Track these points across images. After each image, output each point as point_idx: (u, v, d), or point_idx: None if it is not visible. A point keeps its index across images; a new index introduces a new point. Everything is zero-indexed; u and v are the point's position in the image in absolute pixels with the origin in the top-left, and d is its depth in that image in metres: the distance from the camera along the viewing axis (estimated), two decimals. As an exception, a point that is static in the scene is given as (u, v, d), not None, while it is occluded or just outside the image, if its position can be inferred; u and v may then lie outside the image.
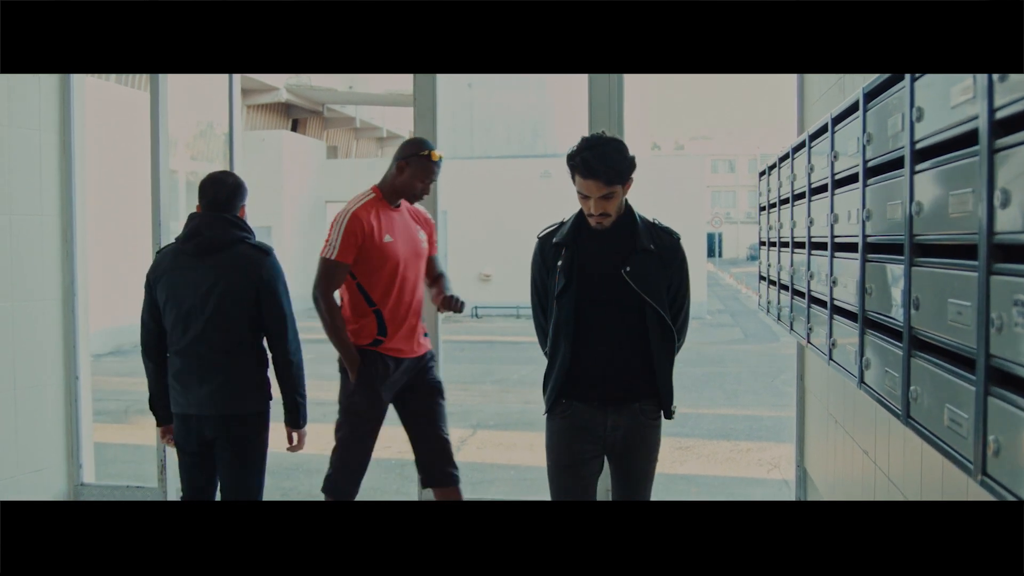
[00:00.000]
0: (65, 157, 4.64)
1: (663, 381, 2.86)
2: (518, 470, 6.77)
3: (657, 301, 2.82)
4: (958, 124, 1.43)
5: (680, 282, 2.92)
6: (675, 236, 2.94)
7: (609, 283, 2.82)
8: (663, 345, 2.86)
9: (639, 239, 2.84)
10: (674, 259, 2.90)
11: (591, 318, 2.85)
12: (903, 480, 2.65)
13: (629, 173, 2.78)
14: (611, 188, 2.72)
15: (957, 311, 1.41)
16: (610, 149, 2.72)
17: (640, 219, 2.90)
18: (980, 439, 1.30)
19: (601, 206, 2.76)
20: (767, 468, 6.64)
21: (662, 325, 2.85)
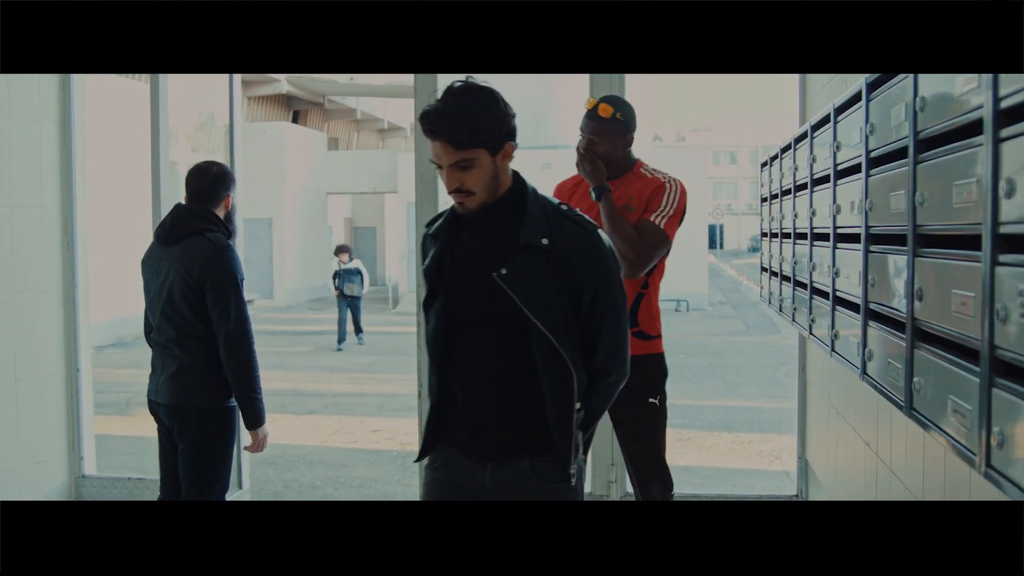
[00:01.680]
0: (65, 148, 4.62)
1: (559, 432, 2.09)
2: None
3: (545, 319, 2.06)
4: (962, 114, 1.42)
5: (595, 293, 2.12)
6: (588, 228, 2.14)
7: (483, 292, 2.09)
8: (557, 384, 2.09)
9: (524, 231, 2.08)
10: (582, 261, 2.10)
11: (465, 340, 2.15)
12: (905, 472, 2.64)
13: (496, 134, 2.03)
14: (465, 153, 2.00)
15: (961, 302, 1.41)
16: (467, 100, 1.97)
17: (536, 203, 2.14)
18: (984, 431, 1.30)
19: (456, 179, 2.03)
20: (769, 460, 6.64)
21: (553, 355, 2.07)
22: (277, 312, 20.29)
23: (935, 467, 2.32)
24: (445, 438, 2.20)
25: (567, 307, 2.10)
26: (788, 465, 6.13)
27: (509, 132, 2.06)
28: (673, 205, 3.01)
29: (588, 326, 2.14)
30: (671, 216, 2.99)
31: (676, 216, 3.00)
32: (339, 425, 7.98)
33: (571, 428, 2.10)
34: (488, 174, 2.06)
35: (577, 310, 2.12)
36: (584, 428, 2.17)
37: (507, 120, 2.04)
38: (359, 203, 28.36)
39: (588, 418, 2.18)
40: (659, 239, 2.97)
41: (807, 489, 4.52)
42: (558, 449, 2.08)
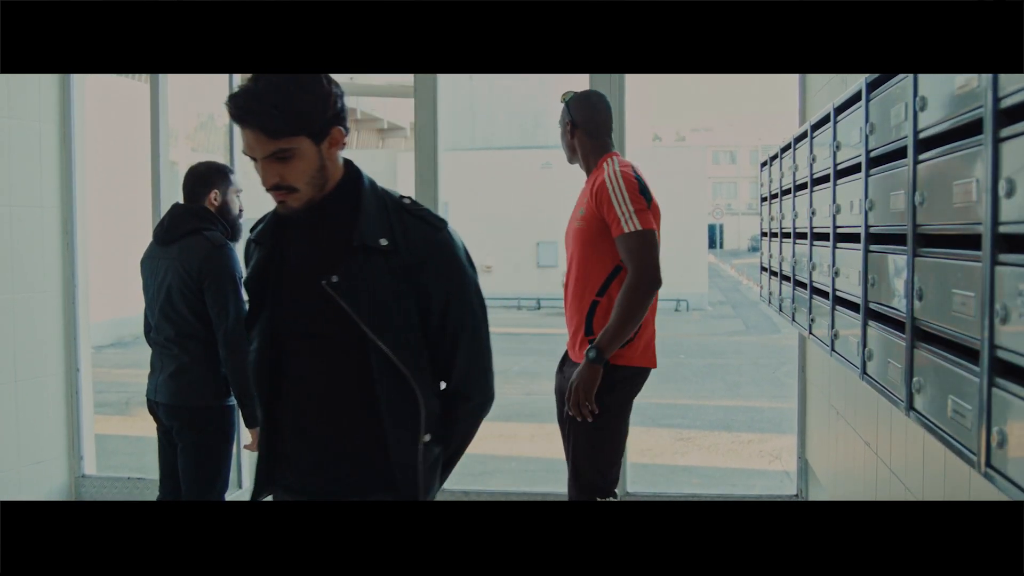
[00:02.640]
0: (65, 148, 4.62)
1: (402, 469, 1.79)
2: (520, 461, 6.77)
3: (384, 334, 1.75)
4: (962, 113, 1.42)
5: (446, 301, 1.82)
6: (436, 225, 1.85)
7: (313, 304, 1.78)
8: (400, 411, 1.78)
9: (358, 230, 1.78)
10: (429, 264, 1.80)
11: (294, 362, 1.83)
12: (905, 472, 2.64)
13: (319, 118, 1.73)
14: (282, 143, 1.70)
15: (961, 301, 1.41)
16: (282, 78, 1.68)
17: (374, 197, 1.84)
18: (984, 430, 1.30)
19: (273, 173, 1.73)
20: (768, 459, 6.64)
21: (395, 377, 1.77)
22: (277, 312, 20.27)
23: (935, 467, 2.32)
24: (276, 479, 1.86)
25: (413, 319, 1.80)
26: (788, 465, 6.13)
27: (336, 115, 1.76)
28: (623, 195, 2.84)
29: (440, 341, 1.84)
30: (634, 208, 2.82)
31: (636, 201, 2.83)
32: (339, 425, 7.96)
33: (416, 464, 1.80)
34: (312, 166, 1.75)
35: (426, 323, 1.82)
36: (446, 464, 1.93)
37: (332, 101, 1.74)
38: (359, 203, 28.28)
39: (448, 451, 1.92)
40: (640, 244, 2.80)
41: (807, 489, 4.52)
42: (399, 489, 1.79)
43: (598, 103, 3.13)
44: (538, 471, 6.44)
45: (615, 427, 3.01)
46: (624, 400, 3.00)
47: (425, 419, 1.81)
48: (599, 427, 2.96)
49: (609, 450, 3.04)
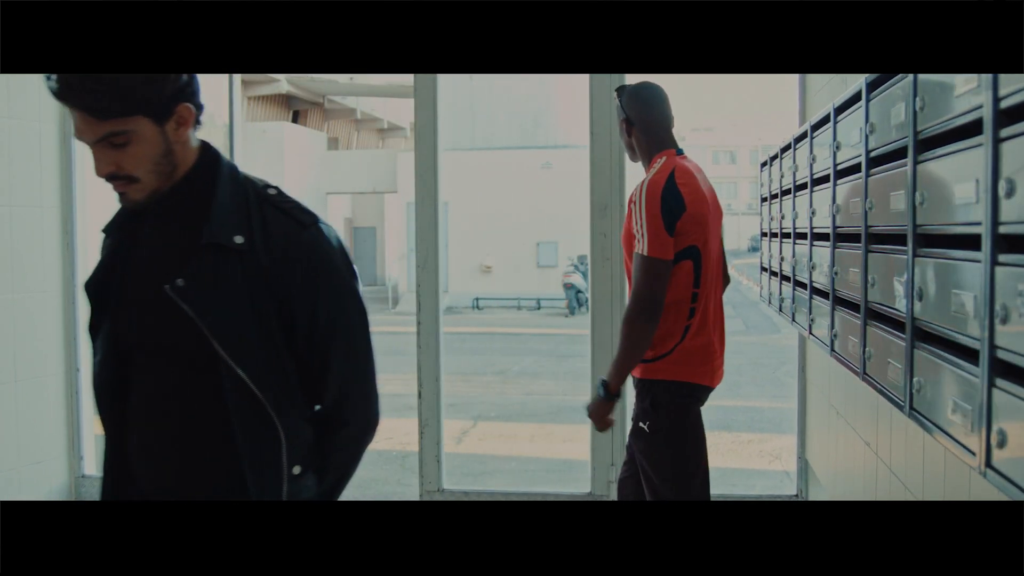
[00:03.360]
0: (65, 148, 4.62)
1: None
2: (519, 461, 6.77)
3: (235, 349, 1.50)
4: (962, 113, 1.42)
5: (314, 311, 1.56)
6: (304, 221, 1.58)
7: (156, 312, 1.51)
8: (257, 441, 1.53)
9: (209, 225, 1.52)
10: (294, 266, 1.54)
11: (140, 381, 1.57)
12: (905, 472, 2.64)
13: (160, 94, 1.50)
14: (115, 124, 1.48)
15: (961, 302, 1.41)
16: None
17: (233, 187, 1.57)
18: (984, 431, 1.30)
19: (108, 160, 1.50)
20: (768, 459, 6.64)
21: (249, 400, 1.51)
22: (277, 312, 20.26)
23: (935, 467, 2.32)
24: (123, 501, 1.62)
25: (275, 332, 1.53)
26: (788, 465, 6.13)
27: (182, 91, 1.52)
28: (641, 215, 2.69)
29: (310, 357, 1.58)
30: (648, 231, 2.67)
31: (651, 222, 2.67)
32: (339, 425, 7.97)
33: (280, 500, 1.57)
34: (155, 151, 1.50)
35: (292, 337, 1.55)
36: (325, 498, 1.67)
37: (171, 81, 1.51)
38: (359, 203, 28.36)
39: (324, 484, 1.65)
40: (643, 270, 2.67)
41: (807, 489, 4.52)
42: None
43: (651, 96, 2.91)
44: (538, 471, 6.44)
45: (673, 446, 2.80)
46: (674, 416, 2.79)
47: (288, 450, 1.55)
48: (654, 446, 2.80)
49: (677, 469, 2.82)
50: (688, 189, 2.76)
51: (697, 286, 2.78)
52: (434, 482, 4.43)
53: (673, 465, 2.81)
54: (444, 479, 4.45)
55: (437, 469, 4.43)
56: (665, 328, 2.74)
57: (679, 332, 2.78)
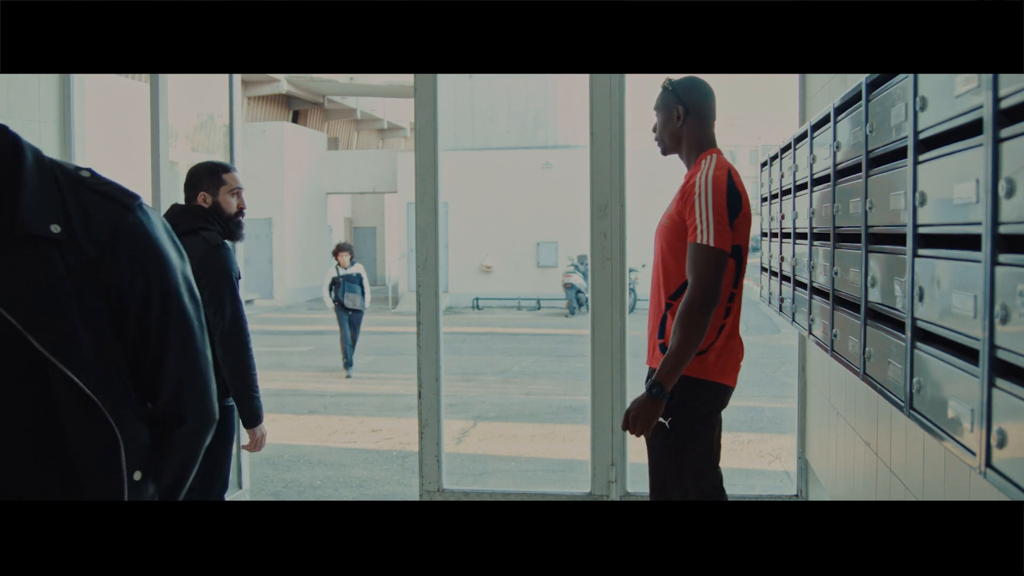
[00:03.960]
0: (65, 148, 4.62)
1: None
2: (519, 461, 6.77)
3: (65, 352, 1.35)
4: (962, 113, 1.42)
5: (144, 300, 1.44)
6: (125, 203, 1.45)
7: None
8: (95, 448, 1.41)
9: (20, 215, 1.35)
10: (117, 252, 1.41)
11: None
12: (905, 472, 2.64)
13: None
14: None
15: (961, 301, 1.41)
16: None
17: (40, 170, 1.41)
18: (984, 431, 1.30)
19: None
20: (768, 459, 6.64)
21: (85, 405, 1.37)
22: (277, 312, 20.29)
23: (935, 467, 2.32)
24: None
25: (103, 327, 1.40)
26: (788, 465, 6.13)
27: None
28: (707, 204, 2.68)
29: (143, 350, 1.45)
30: (714, 220, 2.66)
31: (718, 213, 2.67)
32: (339, 425, 7.98)
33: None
34: None
35: (122, 330, 1.42)
36: (167, 496, 1.58)
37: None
38: (359, 203, 28.37)
39: (163, 486, 1.56)
40: (705, 259, 2.66)
41: (807, 489, 4.52)
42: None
43: (708, 90, 2.93)
44: (538, 471, 6.44)
45: (692, 445, 2.79)
46: (699, 416, 2.79)
47: (127, 455, 1.43)
48: (672, 445, 2.78)
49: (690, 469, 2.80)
50: (742, 190, 2.81)
51: (736, 286, 2.83)
52: (434, 482, 4.43)
53: (688, 467, 2.79)
54: (444, 479, 4.45)
55: (437, 469, 4.44)
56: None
57: (715, 331, 2.78)
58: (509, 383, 10.64)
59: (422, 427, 4.46)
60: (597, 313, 4.42)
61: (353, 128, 29.11)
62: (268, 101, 24.40)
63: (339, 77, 22.88)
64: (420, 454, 4.48)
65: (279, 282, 22.33)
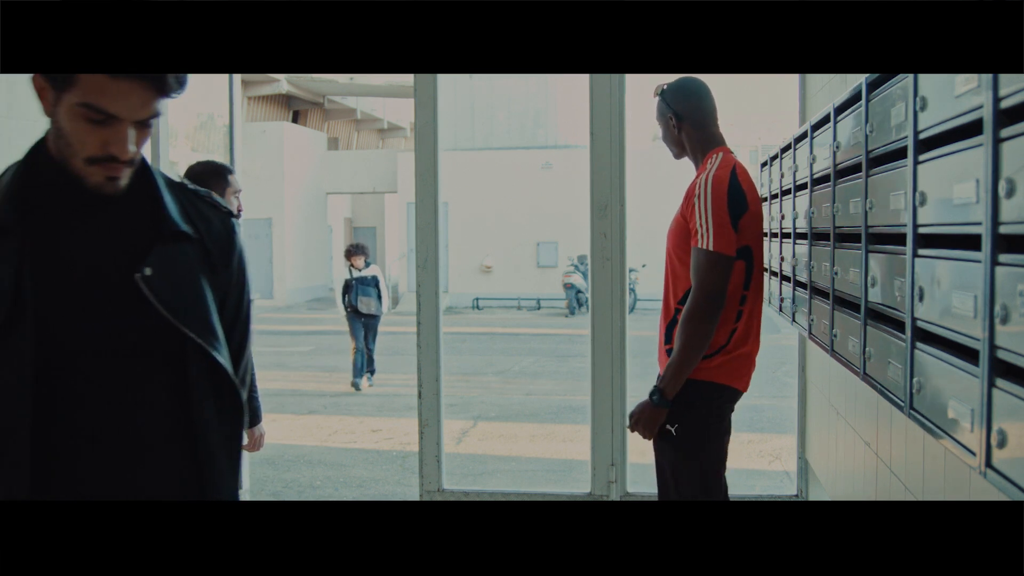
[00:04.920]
0: (65, 149, 4.63)
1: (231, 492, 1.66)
2: (519, 461, 6.77)
3: (209, 340, 1.51)
4: (962, 114, 1.42)
5: (241, 301, 1.63)
6: (228, 212, 1.64)
7: (113, 306, 1.45)
8: (221, 430, 1.56)
9: (166, 214, 1.51)
10: (232, 257, 1.60)
11: (74, 389, 1.45)
12: (905, 472, 2.64)
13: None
14: (159, 105, 1.49)
15: (961, 302, 1.41)
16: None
17: (163, 177, 1.57)
18: (984, 431, 1.30)
19: (134, 141, 1.46)
20: (768, 459, 6.64)
21: (222, 388, 1.55)
22: (277, 312, 20.29)
23: (935, 467, 2.32)
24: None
25: (218, 317, 1.56)
26: (788, 465, 6.13)
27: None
28: (707, 207, 2.63)
29: (231, 344, 1.61)
30: (714, 223, 2.62)
31: (717, 215, 2.63)
32: (339, 425, 7.98)
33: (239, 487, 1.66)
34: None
35: (221, 320, 1.57)
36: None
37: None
38: (359, 203, 28.37)
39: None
40: (706, 264, 2.61)
41: (807, 489, 4.52)
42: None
43: (699, 89, 2.88)
44: (538, 471, 6.44)
45: (702, 454, 2.75)
46: (704, 419, 2.74)
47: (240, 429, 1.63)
48: (680, 451, 2.74)
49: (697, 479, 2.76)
50: (748, 187, 2.76)
51: (747, 288, 2.76)
52: (434, 482, 4.43)
53: (695, 477, 2.76)
54: (444, 479, 4.45)
55: (437, 469, 4.43)
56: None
57: (725, 334, 2.73)
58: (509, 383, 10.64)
59: (422, 427, 4.46)
60: (597, 313, 4.42)
61: (353, 128, 29.11)
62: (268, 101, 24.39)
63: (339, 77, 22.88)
64: (420, 454, 4.48)
65: (279, 282, 22.34)
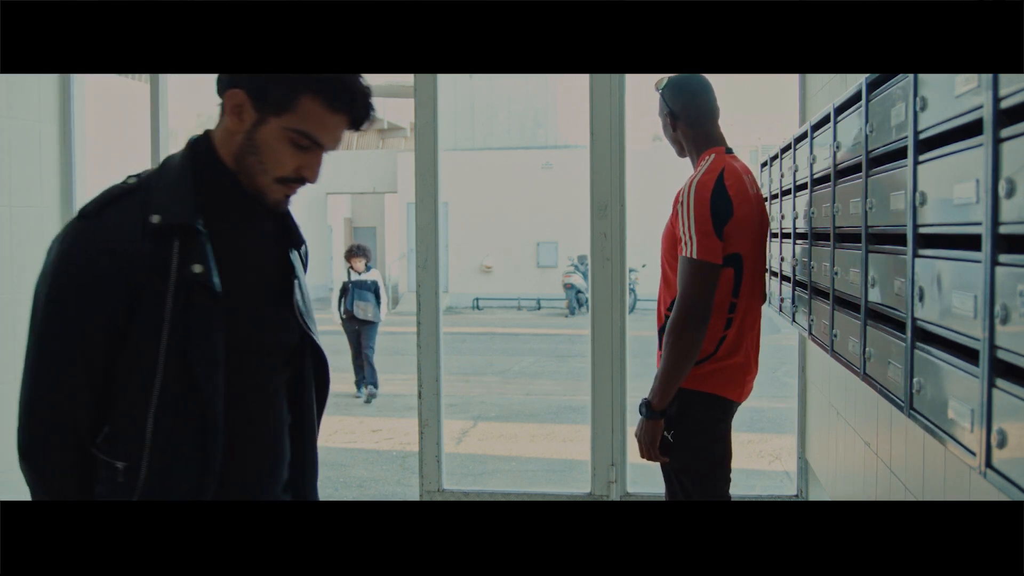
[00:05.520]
0: (65, 148, 4.62)
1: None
2: (519, 461, 6.77)
3: (318, 337, 1.72)
4: (962, 114, 1.41)
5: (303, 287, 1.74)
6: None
7: (269, 309, 1.61)
8: (318, 414, 1.76)
9: (295, 225, 1.70)
10: (305, 251, 1.78)
11: (250, 385, 1.58)
12: (905, 472, 2.64)
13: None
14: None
15: (961, 302, 1.41)
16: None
17: None
18: (984, 431, 1.30)
19: (320, 165, 1.60)
20: (768, 460, 6.64)
21: (323, 378, 1.75)
22: (277, 312, 20.25)
23: (935, 467, 2.32)
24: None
25: None
26: (788, 465, 6.13)
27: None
28: (689, 215, 2.58)
29: None
30: (696, 232, 2.57)
31: (700, 224, 2.58)
32: (339, 425, 7.98)
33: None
34: None
35: None
36: None
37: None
38: (359, 203, 28.36)
39: None
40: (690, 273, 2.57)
41: (807, 489, 4.52)
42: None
43: (697, 87, 2.80)
44: (538, 471, 6.44)
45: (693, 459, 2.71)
46: (693, 428, 2.68)
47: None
48: (675, 457, 2.71)
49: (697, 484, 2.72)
50: (736, 191, 2.68)
51: (736, 295, 2.69)
52: (434, 482, 4.43)
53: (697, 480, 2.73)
54: (444, 479, 4.45)
55: (437, 469, 4.43)
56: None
57: (714, 342, 2.68)
58: (509, 383, 10.64)
59: (422, 427, 4.46)
60: (597, 313, 4.42)
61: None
62: (268, 101, 24.36)
63: (339, 77, 22.77)
64: (420, 454, 4.48)
65: (279, 282, 22.29)
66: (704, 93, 2.81)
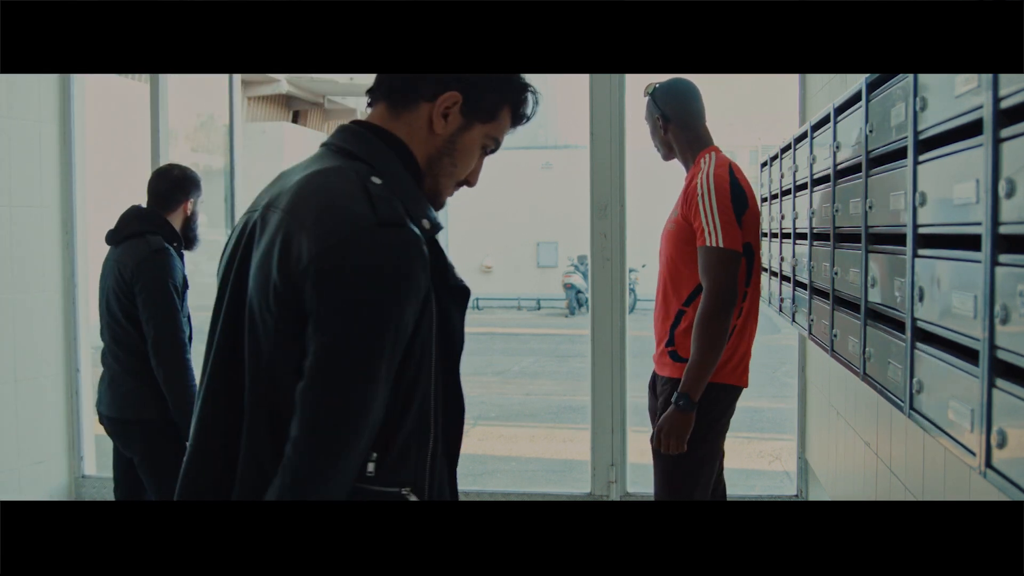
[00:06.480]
0: (65, 148, 4.62)
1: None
2: (519, 462, 6.77)
3: None
4: (962, 114, 1.42)
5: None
6: None
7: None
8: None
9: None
10: None
11: (452, 373, 1.82)
12: (905, 472, 2.64)
13: None
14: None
15: (961, 302, 1.41)
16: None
17: None
18: (984, 431, 1.30)
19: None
20: (768, 460, 6.64)
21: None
22: (277, 312, 20.24)
23: (935, 467, 2.32)
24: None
25: None
26: (788, 465, 6.13)
27: None
28: (711, 205, 2.64)
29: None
30: (720, 221, 2.63)
31: (723, 212, 2.64)
32: (339, 425, 7.97)
33: None
34: None
35: None
36: None
37: None
38: (359, 203, 28.29)
39: None
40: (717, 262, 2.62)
41: (807, 489, 4.52)
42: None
43: (687, 91, 2.88)
44: (538, 471, 6.44)
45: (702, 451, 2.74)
46: (710, 421, 2.74)
47: None
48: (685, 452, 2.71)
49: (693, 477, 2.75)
50: (747, 185, 2.78)
51: (748, 284, 2.78)
52: (434, 482, 4.42)
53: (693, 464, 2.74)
54: (444, 479, 4.44)
55: (437, 469, 4.42)
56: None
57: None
58: (509, 383, 10.64)
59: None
60: (597, 313, 4.42)
61: (353, 128, 29.07)
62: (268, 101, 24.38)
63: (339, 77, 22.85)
64: (420, 454, 4.46)
65: (279, 282, 22.29)
66: (694, 97, 2.89)
